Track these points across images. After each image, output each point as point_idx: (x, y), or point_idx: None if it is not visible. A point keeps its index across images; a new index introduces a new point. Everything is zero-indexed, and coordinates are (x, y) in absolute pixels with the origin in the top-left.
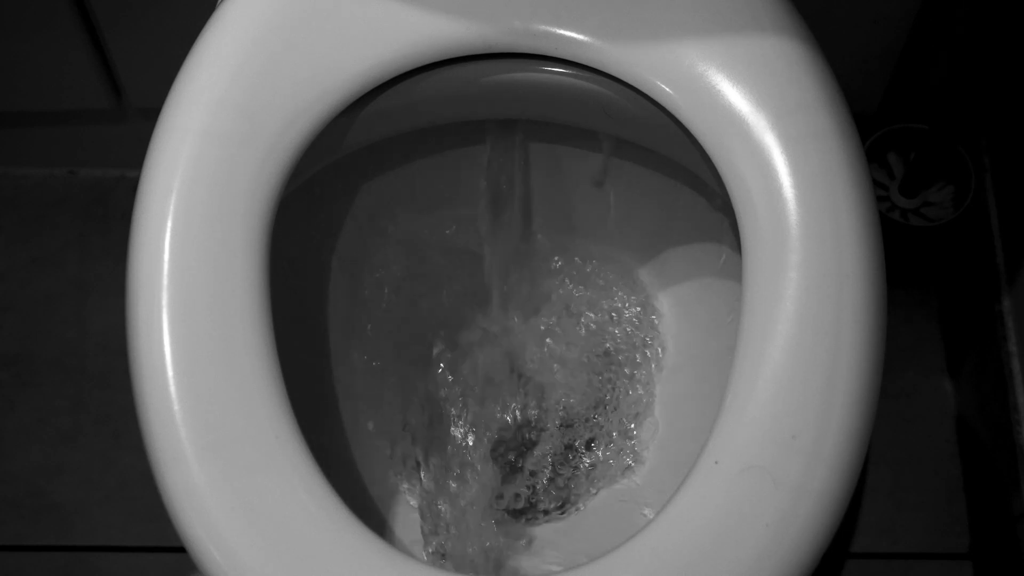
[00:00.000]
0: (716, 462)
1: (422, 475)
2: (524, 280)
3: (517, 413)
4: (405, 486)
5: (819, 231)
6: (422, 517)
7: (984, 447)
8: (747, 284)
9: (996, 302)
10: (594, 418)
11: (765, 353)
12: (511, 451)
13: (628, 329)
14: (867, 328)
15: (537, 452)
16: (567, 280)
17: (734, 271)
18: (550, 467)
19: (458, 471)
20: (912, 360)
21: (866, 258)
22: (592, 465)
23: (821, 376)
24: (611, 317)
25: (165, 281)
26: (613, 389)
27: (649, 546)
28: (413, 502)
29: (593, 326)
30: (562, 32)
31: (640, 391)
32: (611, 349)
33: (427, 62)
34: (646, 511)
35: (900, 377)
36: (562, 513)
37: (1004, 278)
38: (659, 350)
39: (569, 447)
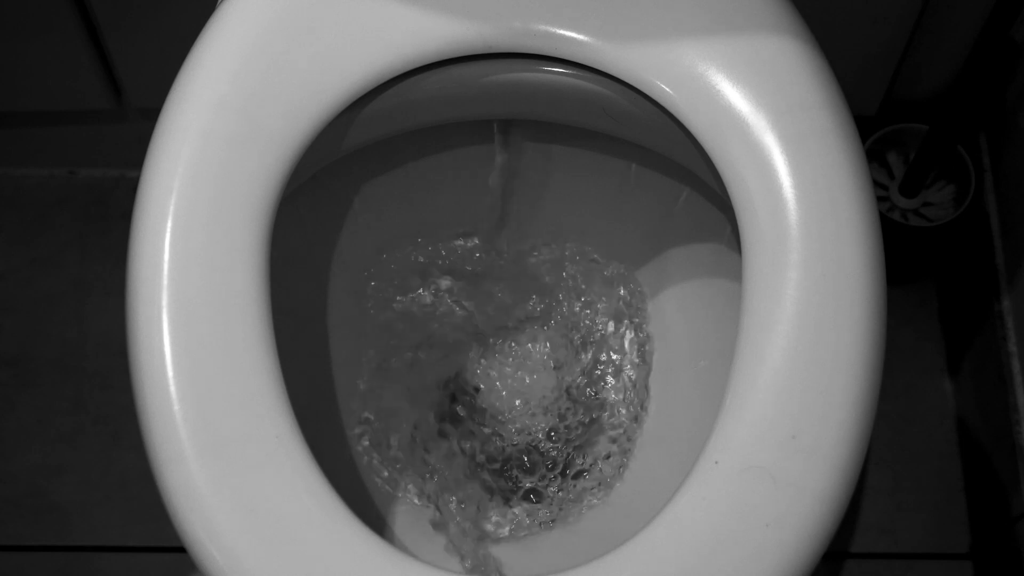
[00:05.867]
0: (716, 462)
1: (425, 474)
2: (523, 279)
3: (520, 413)
4: (406, 486)
5: (819, 231)
6: (435, 527)
7: (984, 447)
8: (747, 284)
9: (996, 302)
10: (590, 418)
11: (765, 353)
12: (509, 452)
13: (627, 329)
14: (867, 328)
15: (536, 452)
16: (567, 279)
17: (734, 271)
18: (549, 466)
19: (458, 470)
20: (912, 360)
21: (866, 258)
22: (588, 466)
23: (821, 376)
24: (611, 316)
25: (165, 281)
26: (610, 389)
27: (649, 546)
28: (415, 501)
29: (592, 324)
30: (562, 32)
31: (638, 391)
32: (609, 348)
33: (427, 62)
34: (642, 513)
35: (900, 377)
36: (559, 513)
37: (1004, 278)
38: (658, 350)
39: (564, 448)
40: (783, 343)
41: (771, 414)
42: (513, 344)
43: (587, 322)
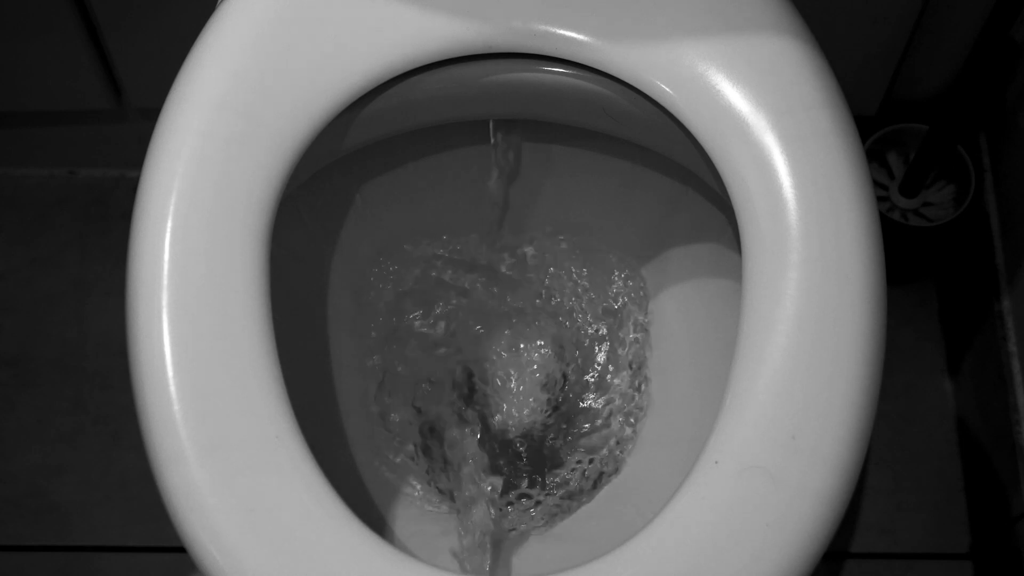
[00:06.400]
0: (716, 462)
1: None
2: (522, 279)
3: (519, 412)
4: (407, 485)
5: (819, 231)
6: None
7: (984, 447)
8: (747, 284)
9: (996, 302)
10: (590, 417)
11: (765, 353)
12: (509, 450)
13: (627, 328)
14: (867, 328)
15: (536, 450)
16: (567, 278)
17: (734, 271)
18: (549, 464)
19: (459, 470)
20: (912, 360)
21: (866, 258)
22: (588, 466)
23: (821, 376)
24: (611, 315)
25: (165, 281)
26: (610, 388)
27: (649, 546)
28: (415, 500)
29: (592, 324)
30: (562, 32)
31: (638, 390)
32: (609, 347)
33: (427, 62)
34: (640, 512)
35: (900, 377)
36: (558, 511)
37: (1004, 278)
38: (658, 350)
39: (563, 446)
40: (783, 343)
41: (771, 414)
42: (514, 343)
43: (587, 321)
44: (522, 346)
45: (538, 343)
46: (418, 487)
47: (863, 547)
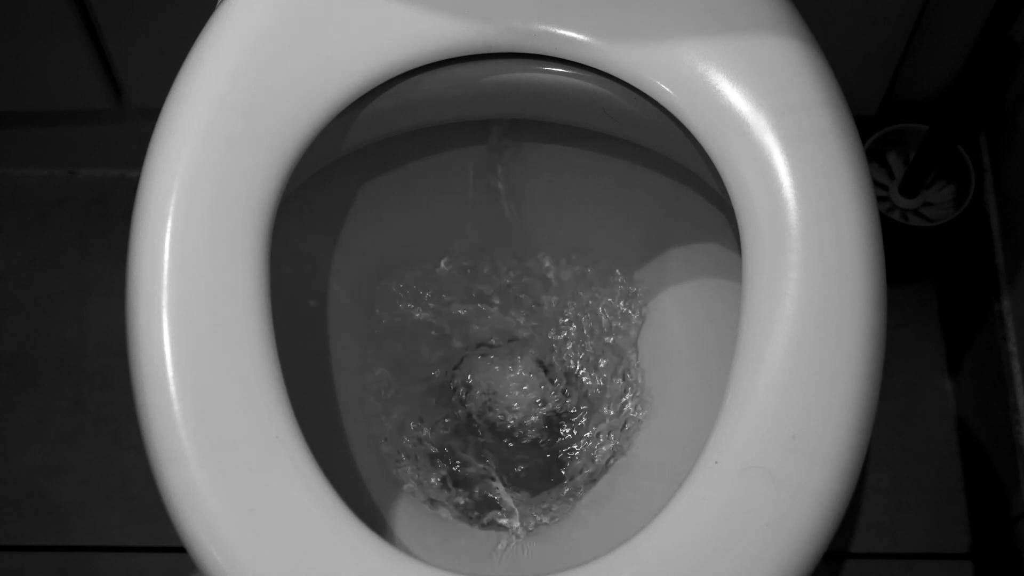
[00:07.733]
0: (716, 462)
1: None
2: (522, 278)
3: (516, 412)
4: (406, 485)
5: (819, 231)
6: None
7: (984, 447)
8: (747, 284)
9: (996, 302)
10: (586, 418)
11: (765, 353)
12: (509, 450)
13: (627, 329)
14: (867, 328)
15: (536, 451)
16: (565, 278)
17: (734, 271)
18: (548, 466)
19: (460, 469)
20: (912, 360)
21: (866, 258)
22: (588, 466)
23: (821, 376)
24: (610, 315)
25: (165, 281)
26: (610, 388)
27: (649, 546)
28: (415, 500)
29: (591, 325)
30: (562, 32)
31: (638, 391)
32: (609, 348)
33: (427, 62)
34: (640, 512)
35: (900, 377)
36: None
37: (1004, 278)
38: (657, 350)
39: (562, 447)
40: (783, 343)
41: (771, 414)
42: (513, 343)
43: (587, 321)
44: (520, 345)
45: (537, 341)
46: (418, 486)
47: (863, 547)
